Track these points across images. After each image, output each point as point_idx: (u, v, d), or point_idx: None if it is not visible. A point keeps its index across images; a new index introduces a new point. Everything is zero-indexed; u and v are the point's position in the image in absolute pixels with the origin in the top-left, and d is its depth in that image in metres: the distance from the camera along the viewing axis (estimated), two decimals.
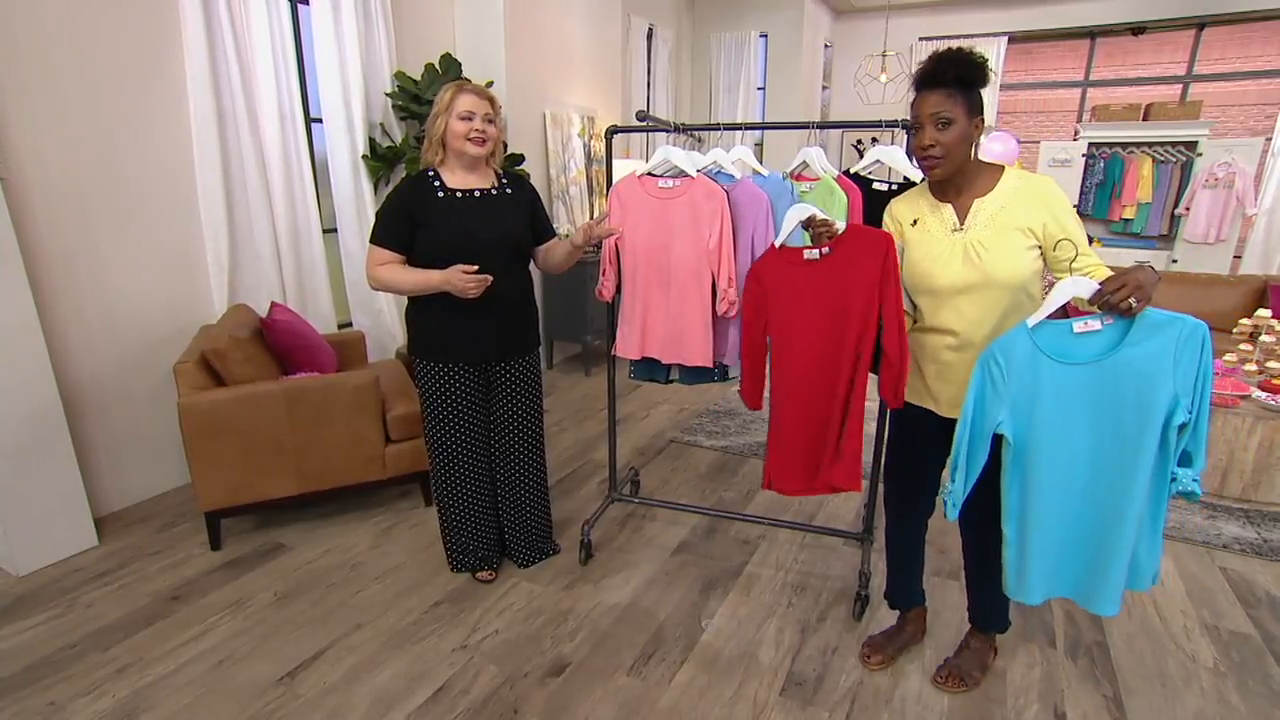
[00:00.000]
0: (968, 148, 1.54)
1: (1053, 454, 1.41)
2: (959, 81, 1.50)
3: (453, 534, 2.31)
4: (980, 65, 1.52)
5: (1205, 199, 6.14)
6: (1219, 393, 2.98)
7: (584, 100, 4.77)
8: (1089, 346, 1.36)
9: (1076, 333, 1.36)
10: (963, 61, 1.50)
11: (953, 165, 1.56)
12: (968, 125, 1.52)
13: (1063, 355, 1.38)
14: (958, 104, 1.50)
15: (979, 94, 1.54)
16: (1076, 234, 1.51)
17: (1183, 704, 1.85)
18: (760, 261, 1.85)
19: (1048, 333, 1.39)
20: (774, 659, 1.99)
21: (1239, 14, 6.33)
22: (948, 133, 1.51)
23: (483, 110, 1.98)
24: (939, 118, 1.51)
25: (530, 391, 2.26)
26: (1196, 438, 1.32)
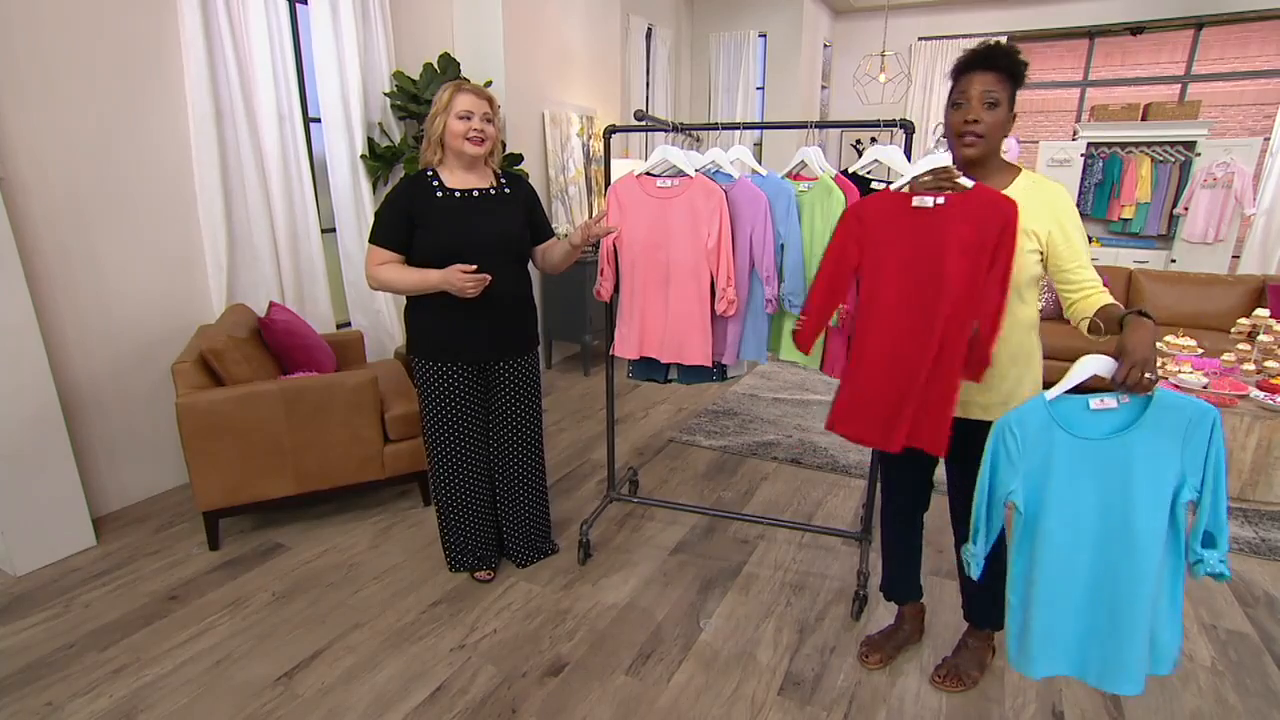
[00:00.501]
0: (1001, 136, 1.55)
1: (1061, 527, 1.41)
2: (1009, 71, 1.53)
3: (451, 533, 2.31)
4: (1013, 57, 1.53)
5: (1204, 199, 6.14)
6: (1217, 392, 2.98)
7: (583, 100, 4.77)
8: (1103, 423, 1.37)
9: (1092, 409, 1.37)
10: (1014, 56, 1.53)
11: (988, 147, 1.56)
12: (1007, 114, 1.54)
13: (1078, 430, 1.38)
14: (1005, 90, 1.52)
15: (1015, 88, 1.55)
16: (1080, 246, 1.51)
17: (1180, 703, 1.85)
18: (866, 200, 1.72)
19: (1064, 407, 1.39)
20: (772, 659, 1.99)
21: (1237, 14, 6.33)
22: (993, 113, 1.52)
23: (481, 110, 1.98)
24: (989, 96, 1.51)
25: (529, 391, 2.26)
26: (1216, 518, 1.31)
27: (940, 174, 1.56)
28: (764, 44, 6.59)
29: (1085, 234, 1.55)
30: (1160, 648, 1.40)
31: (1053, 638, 1.45)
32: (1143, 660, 1.40)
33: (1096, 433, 1.36)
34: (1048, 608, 1.44)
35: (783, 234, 2.08)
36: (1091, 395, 1.37)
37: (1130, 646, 1.39)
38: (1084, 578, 1.41)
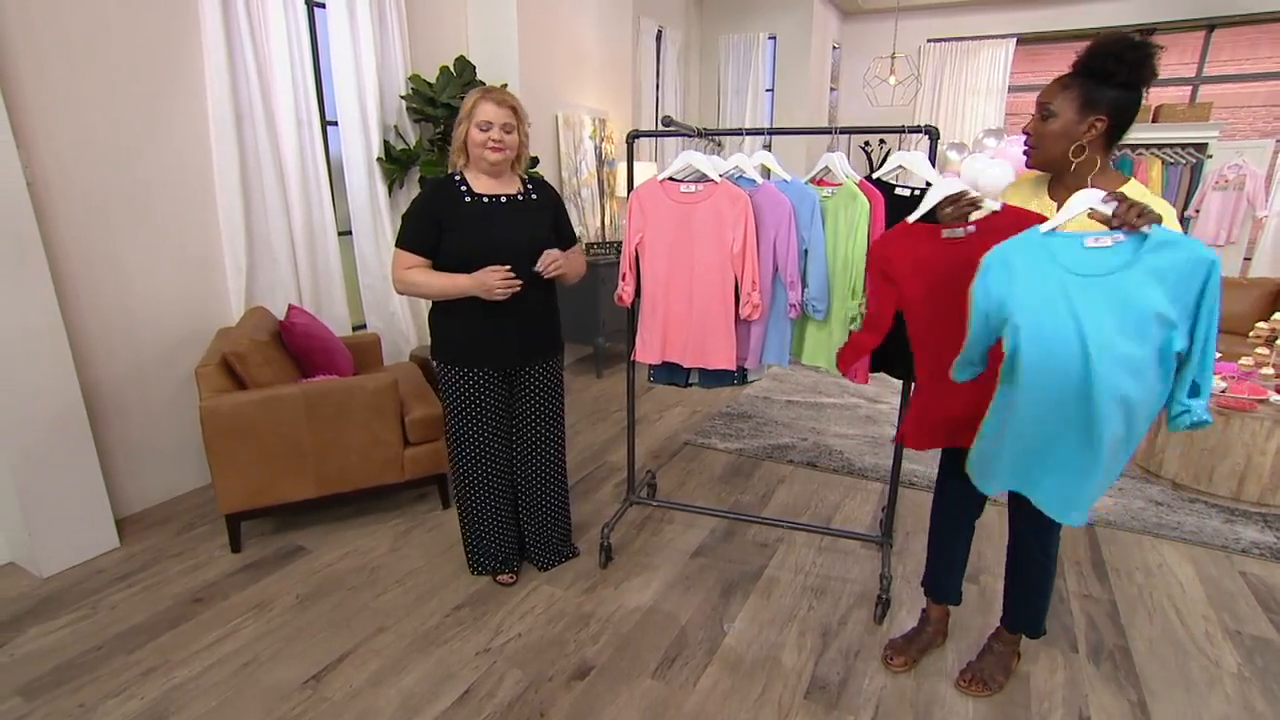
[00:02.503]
0: (1067, 144, 1.48)
1: (1050, 360, 1.38)
2: (1086, 71, 1.44)
3: (473, 537, 2.31)
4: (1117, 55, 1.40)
5: (1215, 201, 6.13)
6: (1235, 397, 2.98)
7: (595, 102, 4.78)
8: (1098, 261, 1.35)
9: (1087, 246, 1.35)
10: (1098, 51, 1.42)
11: (1044, 158, 1.53)
12: (1075, 121, 1.46)
13: (1073, 266, 1.36)
14: (1070, 96, 1.45)
15: (1113, 89, 1.43)
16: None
17: (1208, 708, 1.85)
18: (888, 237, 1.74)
19: (1060, 243, 1.37)
20: (797, 662, 1.99)
21: (1249, 15, 6.31)
22: (1047, 124, 1.48)
23: (501, 120, 1.98)
24: (1044, 107, 1.49)
25: (553, 395, 2.27)
26: (1204, 369, 1.31)
27: (960, 202, 1.54)
28: (773, 46, 6.59)
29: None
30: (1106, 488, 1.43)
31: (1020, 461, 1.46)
32: (1095, 496, 1.44)
33: (1090, 270, 1.34)
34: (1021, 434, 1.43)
35: (806, 239, 2.08)
36: (1088, 233, 1.35)
37: (1089, 482, 1.42)
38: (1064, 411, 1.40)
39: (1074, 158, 1.49)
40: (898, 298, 1.72)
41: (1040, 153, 1.53)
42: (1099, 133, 1.46)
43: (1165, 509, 2.92)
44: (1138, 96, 1.44)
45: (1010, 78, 7.24)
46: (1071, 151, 1.49)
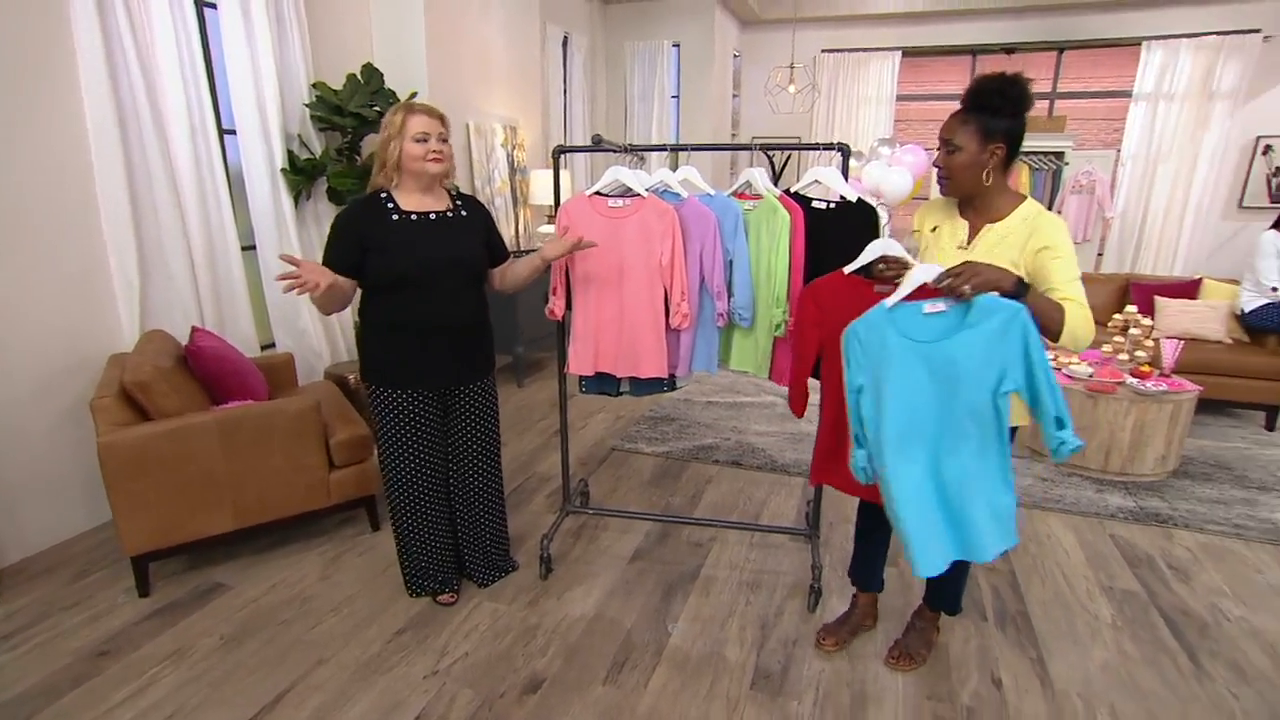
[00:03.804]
0: (977, 172, 1.63)
1: (901, 422, 1.55)
2: (976, 107, 1.60)
3: (411, 559, 2.27)
4: (1000, 91, 1.56)
5: (1073, 203, 6.82)
6: (1100, 380, 3.35)
7: (505, 110, 4.74)
8: (935, 327, 1.54)
9: (926, 313, 1.54)
10: (986, 87, 1.58)
11: (959, 188, 1.68)
12: (978, 151, 1.61)
13: (913, 333, 1.54)
14: (970, 130, 1.60)
15: (1004, 120, 1.58)
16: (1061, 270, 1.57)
17: (1091, 657, 2.10)
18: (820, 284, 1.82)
19: (903, 313, 1.55)
20: (740, 656, 2.09)
21: (1090, 41, 7.07)
22: (954, 158, 1.63)
23: (436, 130, 1.97)
24: (947, 143, 1.64)
25: (488, 414, 2.25)
26: (1056, 402, 1.50)
27: (892, 262, 1.67)
28: (677, 54, 6.75)
29: (1075, 259, 1.59)
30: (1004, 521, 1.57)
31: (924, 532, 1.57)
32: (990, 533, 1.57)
33: (929, 335, 1.53)
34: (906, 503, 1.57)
35: (731, 250, 2.18)
36: (925, 301, 1.53)
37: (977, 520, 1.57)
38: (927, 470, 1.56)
39: (986, 182, 1.65)
40: (821, 340, 1.82)
41: (954, 183, 1.68)
42: (999, 159, 1.63)
43: (1050, 484, 3.25)
44: (1023, 123, 1.63)
45: (898, 87, 7.76)
46: (984, 177, 1.65)
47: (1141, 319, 3.60)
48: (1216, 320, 4.09)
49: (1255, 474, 3.37)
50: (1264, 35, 6.34)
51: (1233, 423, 4.04)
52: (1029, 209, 1.65)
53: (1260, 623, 2.27)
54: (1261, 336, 4.00)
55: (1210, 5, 6.48)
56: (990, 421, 1.53)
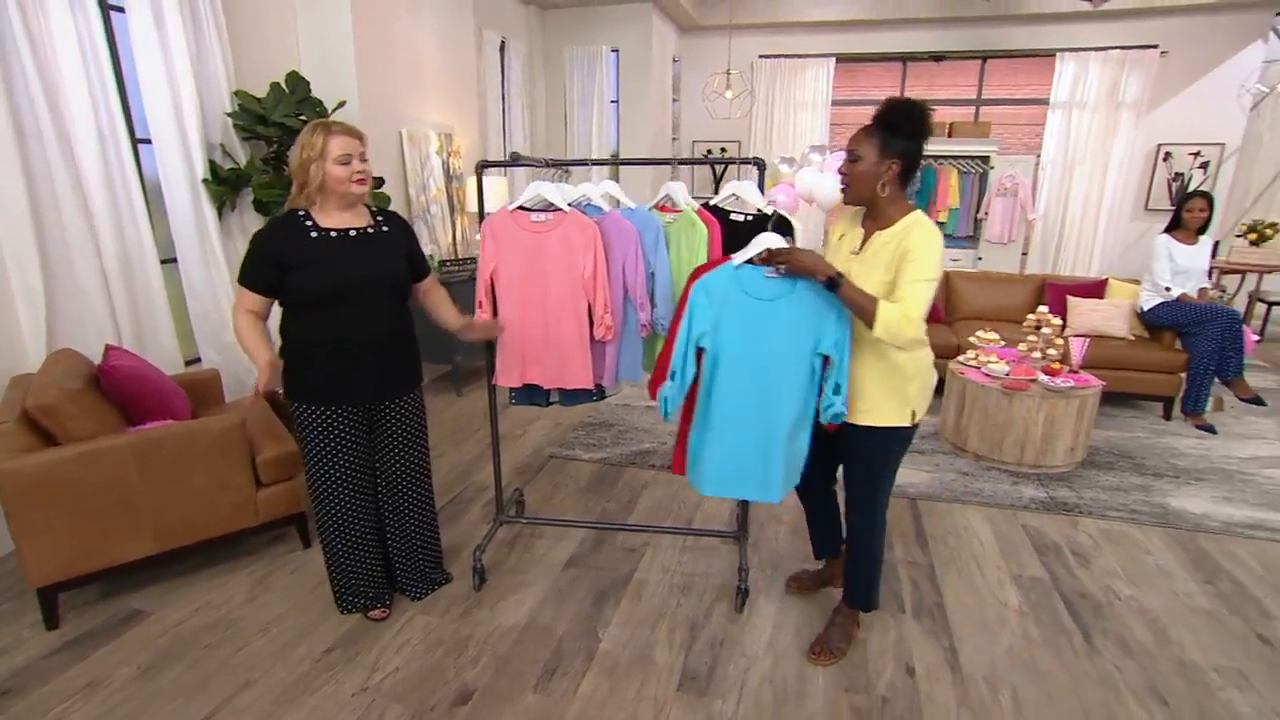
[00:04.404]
0: (873, 182, 1.77)
1: (735, 369, 1.86)
2: (881, 124, 1.74)
3: (341, 575, 2.25)
4: (905, 113, 1.72)
5: (999, 205, 7.14)
6: (1015, 378, 3.53)
7: (440, 117, 4.70)
8: (773, 288, 1.84)
9: (767, 276, 1.84)
10: (892, 107, 1.74)
11: (855, 194, 1.82)
12: (876, 163, 1.75)
13: (754, 291, 1.84)
14: (872, 143, 1.75)
15: (902, 140, 1.73)
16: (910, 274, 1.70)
17: (998, 643, 2.23)
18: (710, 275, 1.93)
19: (747, 273, 1.84)
20: (668, 658, 2.14)
21: (1011, 51, 7.42)
22: (855, 166, 1.78)
23: (358, 150, 1.97)
24: (851, 153, 1.79)
25: (415, 428, 2.26)
26: (841, 372, 1.83)
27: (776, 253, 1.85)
28: (616, 59, 6.80)
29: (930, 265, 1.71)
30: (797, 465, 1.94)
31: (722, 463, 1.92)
32: (785, 477, 1.93)
33: (767, 295, 1.83)
34: (720, 435, 1.91)
35: (652, 263, 2.24)
36: (767, 266, 1.83)
37: (776, 467, 1.92)
38: (748, 409, 1.89)
39: (881, 194, 1.79)
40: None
41: (853, 190, 1.83)
42: (894, 174, 1.77)
43: (970, 478, 3.41)
44: (920, 146, 1.77)
45: (834, 93, 7.98)
46: (879, 188, 1.78)
47: (1052, 318, 3.80)
48: (1120, 318, 4.35)
49: (1151, 461, 3.61)
50: (1161, 51, 6.77)
51: (1136, 413, 4.30)
52: (910, 219, 1.78)
53: (1147, 601, 2.45)
54: (1159, 333, 4.28)
55: (1115, 21, 6.87)
56: (806, 375, 1.85)
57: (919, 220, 1.77)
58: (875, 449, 1.94)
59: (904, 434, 1.91)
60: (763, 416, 1.90)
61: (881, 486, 2.00)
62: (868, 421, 1.89)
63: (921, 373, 1.88)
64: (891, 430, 1.89)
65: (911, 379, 1.87)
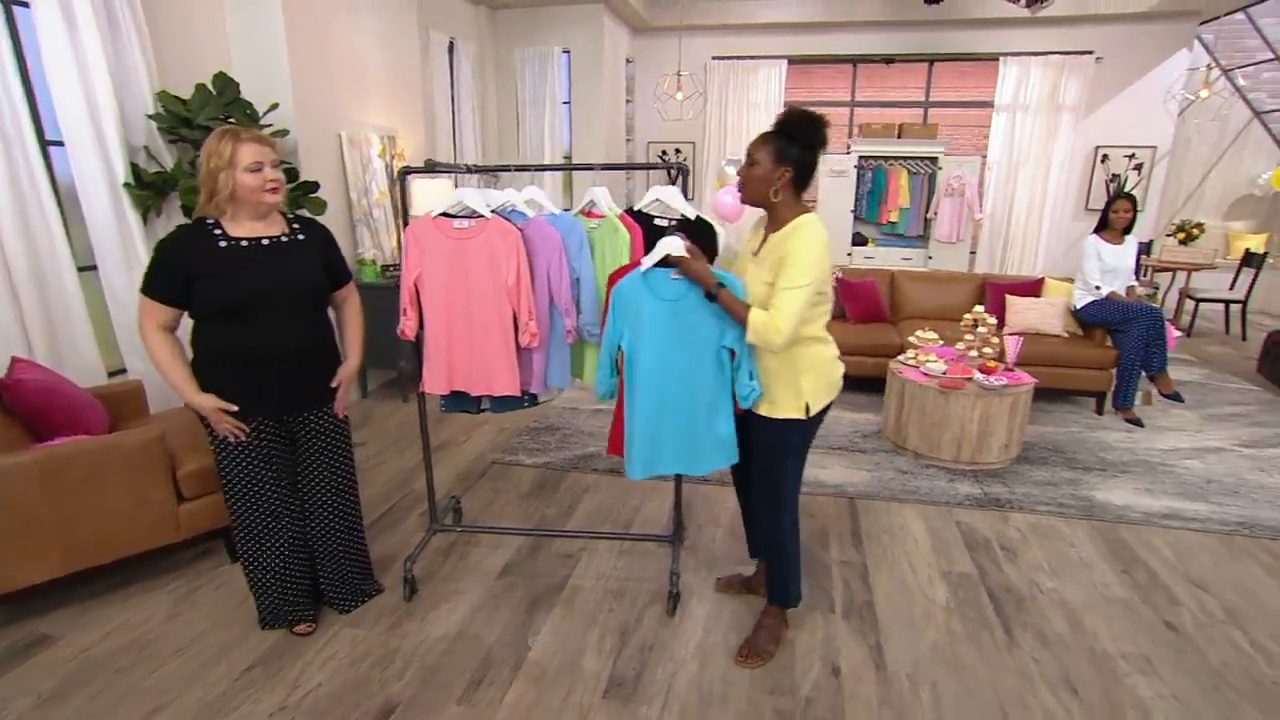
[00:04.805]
0: (766, 186, 1.85)
1: (649, 366, 1.99)
2: (779, 132, 1.82)
3: (263, 591, 2.20)
4: (800, 124, 1.80)
5: (947, 205, 7.30)
6: (951, 378, 3.61)
7: (383, 119, 4.63)
8: (678, 288, 1.96)
9: (672, 279, 1.96)
10: (789, 118, 1.82)
11: (751, 196, 1.90)
12: (770, 169, 1.83)
13: (661, 293, 1.96)
14: (768, 150, 1.83)
15: (798, 149, 1.80)
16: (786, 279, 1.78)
17: (923, 639, 2.27)
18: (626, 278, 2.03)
19: (655, 275, 1.96)
20: (597, 665, 2.14)
21: (956, 54, 7.59)
22: (752, 170, 1.86)
23: (270, 158, 1.92)
24: (749, 157, 1.86)
25: (337, 440, 2.21)
26: (750, 360, 1.96)
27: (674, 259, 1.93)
28: (567, 60, 6.78)
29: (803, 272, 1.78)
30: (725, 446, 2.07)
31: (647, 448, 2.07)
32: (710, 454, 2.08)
33: (673, 295, 1.96)
34: (644, 424, 2.05)
35: (577, 269, 2.23)
36: (672, 269, 1.94)
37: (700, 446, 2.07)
38: (666, 399, 2.02)
39: (774, 199, 1.86)
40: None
41: (749, 192, 1.90)
42: (787, 180, 1.84)
43: (909, 476, 3.48)
44: (814, 157, 1.83)
45: (785, 93, 8.07)
46: (772, 193, 1.84)
47: (987, 318, 3.89)
48: (1055, 316, 4.48)
49: (1082, 456, 3.72)
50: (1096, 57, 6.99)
51: (1071, 409, 4.44)
52: (796, 223, 1.85)
53: (1067, 593, 2.53)
54: (1091, 330, 4.42)
55: (1053, 27, 7.08)
56: (714, 366, 1.99)
57: (802, 224, 1.83)
58: (772, 440, 2.01)
59: (799, 426, 1.97)
60: (679, 405, 2.03)
61: (783, 480, 2.05)
62: (763, 413, 1.98)
63: (815, 368, 1.95)
64: (786, 422, 1.96)
65: (804, 373, 1.93)
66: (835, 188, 7.42)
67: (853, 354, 4.50)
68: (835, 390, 2.02)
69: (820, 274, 1.80)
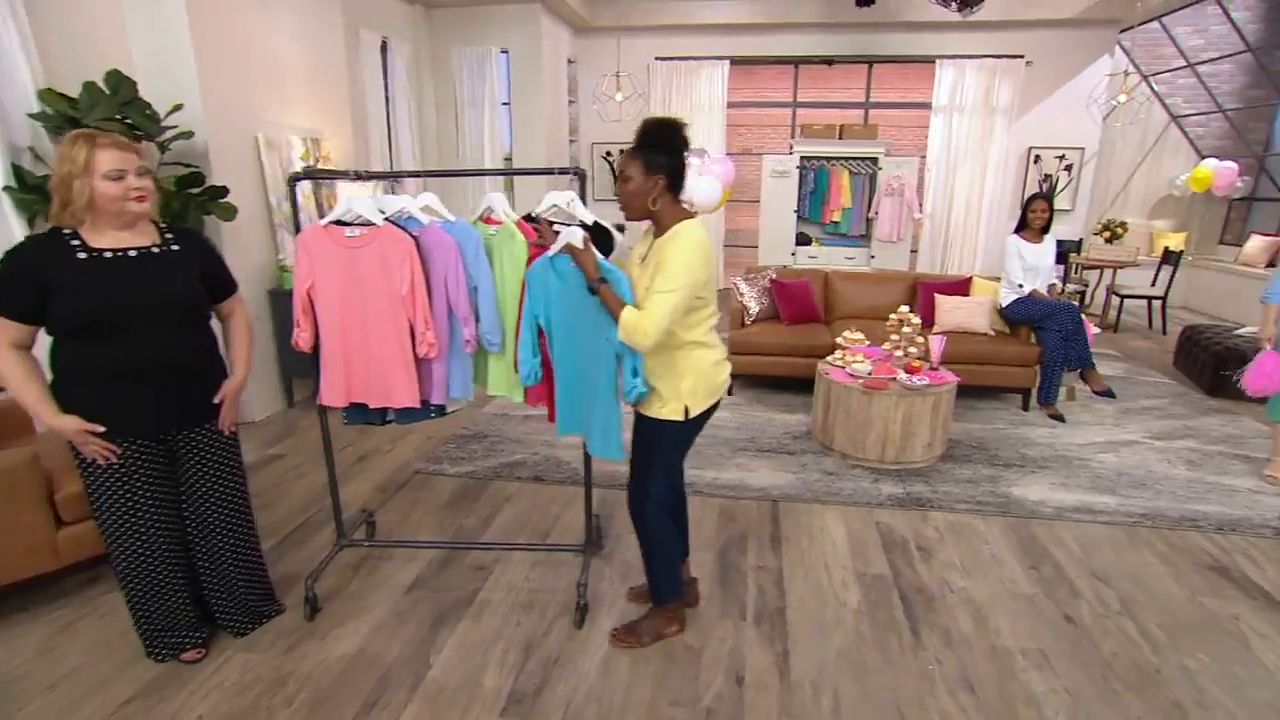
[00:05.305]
0: (644, 198, 1.87)
1: (561, 339, 2.09)
2: (644, 144, 1.84)
3: (144, 619, 2.09)
4: (658, 132, 1.83)
5: (887, 205, 7.41)
6: (876, 377, 3.65)
7: (305, 121, 4.49)
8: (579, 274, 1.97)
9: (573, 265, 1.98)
10: (648, 129, 1.85)
11: (632, 211, 1.91)
12: (643, 181, 1.85)
13: (566, 278, 2.00)
14: (637, 164, 1.84)
15: (663, 156, 1.83)
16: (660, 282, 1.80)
17: (830, 644, 2.28)
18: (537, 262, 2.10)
19: (560, 261, 2.00)
20: (498, 681, 2.09)
21: (894, 56, 7.72)
22: (625, 187, 1.88)
23: (132, 164, 1.82)
24: (622, 173, 1.87)
25: (224, 457, 2.12)
26: (636, 357, 1.95)
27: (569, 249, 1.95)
28: (506, 60, 6.69)
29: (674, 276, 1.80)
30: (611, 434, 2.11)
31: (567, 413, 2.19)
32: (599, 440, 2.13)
33: (575, 282, 1.99)
34: (563, 393, 2.17)
35: (474, 277, 2.18)
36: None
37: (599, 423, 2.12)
38: (577, 371, 2.11)
39: (654, 207, 1.88)
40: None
41: (629, 209, 1.91)
42: (662, 187, 1.86)
43: (834, 478, 3.50)
44: (681, 160, 1.87)
45: (730, 95, 8.09)
46: (650, 203, 1.87)
47: (912, 317, 3.95)
48: (982, 315, 4.57)
49: (1005, 452, 3.80)
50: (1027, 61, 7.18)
51: (998, 405, 4.53)
52: (678, 228, 1.87)
53: (976, 591, 2.56)
54: (1016, 328, 4.52)
55: (985, 31, 7.24)
56: (610, 353, 2.00)
57: (680, 230, 1.86)
58: (648, 437, 2.05)
59: (675, 427, 1.99)
60: (586, 376, 2.09)
61: (649, 475, 2.08)
62: (643, 411, 2.02)
63: (696, 371, 1.96)
64: (663, 422, 1.98)
65: (684, 375, 1.95)
66: (778, 188, 7.47)
67: (785, 355, 4.55)
68: (717, 394, 2.03)
69: (694, 279, 1.82)
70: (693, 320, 1.90)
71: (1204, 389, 4.84)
